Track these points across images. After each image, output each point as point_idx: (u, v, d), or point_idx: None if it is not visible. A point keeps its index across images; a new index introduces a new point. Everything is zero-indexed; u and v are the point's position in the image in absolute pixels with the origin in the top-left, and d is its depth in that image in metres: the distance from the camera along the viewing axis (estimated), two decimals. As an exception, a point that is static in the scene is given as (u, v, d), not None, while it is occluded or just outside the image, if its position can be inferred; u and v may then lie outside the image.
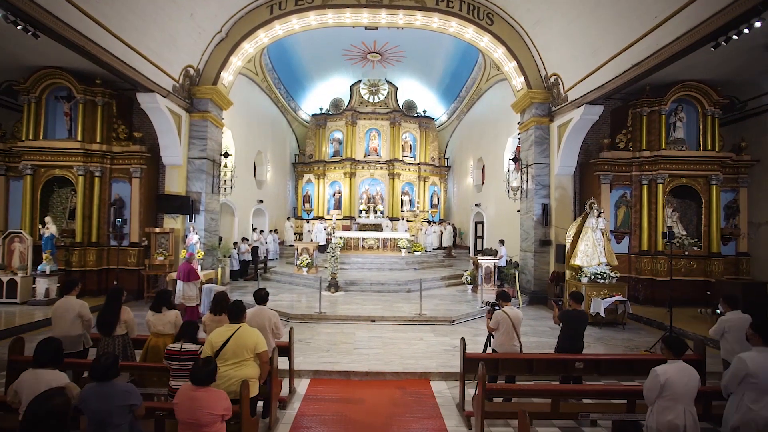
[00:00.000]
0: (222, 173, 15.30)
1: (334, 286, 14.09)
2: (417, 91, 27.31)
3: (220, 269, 13.72)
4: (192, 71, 13.79)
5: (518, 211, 16.13)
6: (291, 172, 27.88)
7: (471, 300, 13.74)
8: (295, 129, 27.97)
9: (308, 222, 25.34)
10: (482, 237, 22.46)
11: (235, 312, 5.00)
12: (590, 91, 12.07)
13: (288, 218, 24.84)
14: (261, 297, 6.23)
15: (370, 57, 23.48)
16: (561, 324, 6.84)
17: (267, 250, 20.42)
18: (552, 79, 14.10)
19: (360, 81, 26.68)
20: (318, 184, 26.64)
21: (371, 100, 27.08)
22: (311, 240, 21.19)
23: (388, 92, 26.93)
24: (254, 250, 18.77)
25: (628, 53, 10.53)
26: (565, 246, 13.24)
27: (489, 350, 6.98)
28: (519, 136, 15.93)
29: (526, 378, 6.90)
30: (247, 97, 19.66)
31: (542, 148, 14.58)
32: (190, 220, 13.96)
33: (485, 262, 14.69)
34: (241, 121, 18.95)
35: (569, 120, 13.35)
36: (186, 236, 13.34)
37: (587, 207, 11.99)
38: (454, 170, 28.28)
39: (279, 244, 22.64)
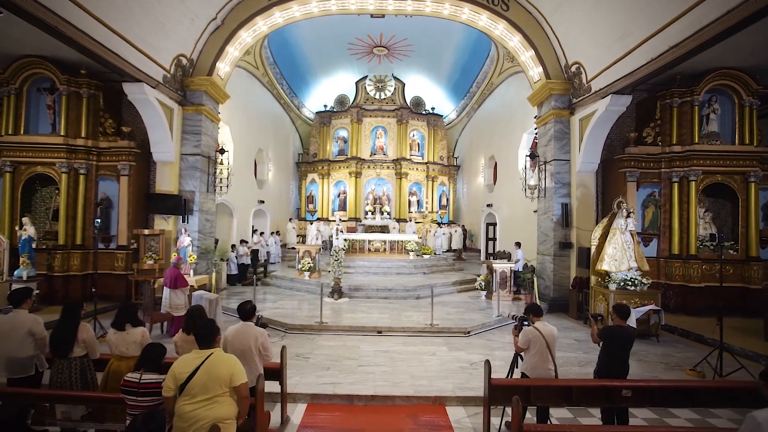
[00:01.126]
0: (218, 171, 14.33)
1: (337, 292, 13.06)
2: (425, 87, 26.25)
3: (214, 274, 12.72)
4: (185, 61, 12.83)
5: (535, 211, 15.05)
6: (294, 171, 26.90)
7: (486, 308, 12.66)
8: (299, 127, 26.99)
9: (312, 224, 24.31)
10: (494, 239, 21.37)
11: (204, 335, 3.97)
12: (618, 80, 11.00)
13: (290, 219, 23.85)
14: (246, 312, 5.19)
15: (377, 51, 22.47)
16: (601, 343, 5.77)
17: (268, 253, 19.44)
18: (573, 69, 13.02)
19: (366, 77, 25.66)
20: (322, 184, 25.66)
21: (377, 96, 26.06)
22: (323, 240, 20.37)
23: (395, 88, 25.89)
24: (254, 253, 17.81)
25: (664, 35, 9.43)
26: (588, 249, 12.16)
27: (516, 373, 5.93)
28: (536, 131, 14.86)
29: (561, 408, 5.84)
30: (247, 91, 18.69)
31: (562, 143, 13.50)
32: (183, 221, 13.00)
33: (500, 266, 13.63)
34: (240, 116, 17.98)
35: (593, 112, 12.28)
36: (177, 239, 12.37)
37: (615, 206, 10.90)
38: (463, 169, 27.19)
39: (281, 246, 21.65)
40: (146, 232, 12.34)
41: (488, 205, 21.36)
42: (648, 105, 13.20)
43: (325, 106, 26.23)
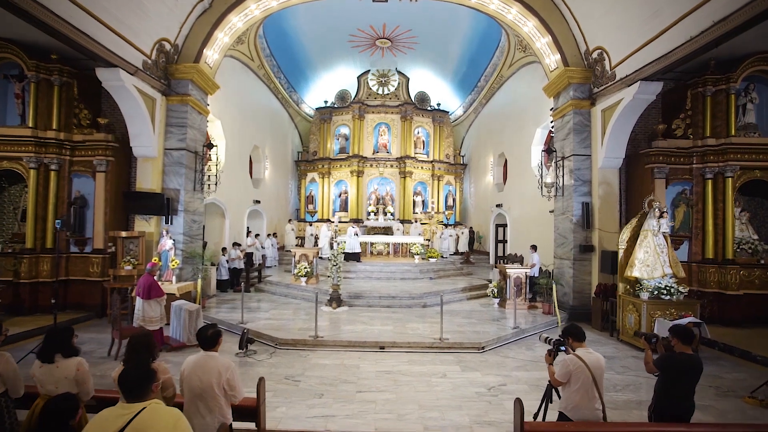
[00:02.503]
0: (207, 168, 13.19)
1: (335, 300, 11.88)
2: (430, 82, 25.05)
3: (200, 281, 11.55)
4: (168, 46, 11.70)
5: (551, 211, 13.88)
6: (293, 170, 25.74)
7: (499, 317, 11.46)
8: (298, 124, 25.82)
9: (311, 225, 23.17)
10: (504, 241, 20.15)
11: (131, 382, 2.80)
12: (648, 64, 9.83)
13: (289, 220, 22.67)
14: (207, 339, 4.01)
15: (379, 43, 21.28)
16: (660, 374, 4.59)
17: (264, 256, 18.30)
18: (595, 55, 11.83)
19: (368, 71, 24.48)
20: (322, 184, 24.49)
21: (380, 92, 24.88)
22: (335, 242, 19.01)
23: (398, 83, 24.69)
24: (248, 257, 16.67)
25: (704, 10, 8.24)
26: (613, 253, 11.03)
27: (544, 408, 4.76)
28: (552, 124, 13.67)
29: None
30: (241, 84, 17.54)
31: (582, 136, 12.31)
32: (167, 222, 11.86)
33: (515, 271, 12.43)
34: (234, 110, 16.83)
35: (617, 102, 11.10)
36: (159, 241, 11.23)
37: (645, 205, 9.72)
38: (470, 168, 25.96)
39: (278, 249, 20.49)
40: (123, 234, 11.18)
41: (498, 206, 20.14)
42: (676, 95, 11.99)
43: (326, 101, 25.07)
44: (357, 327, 10.13)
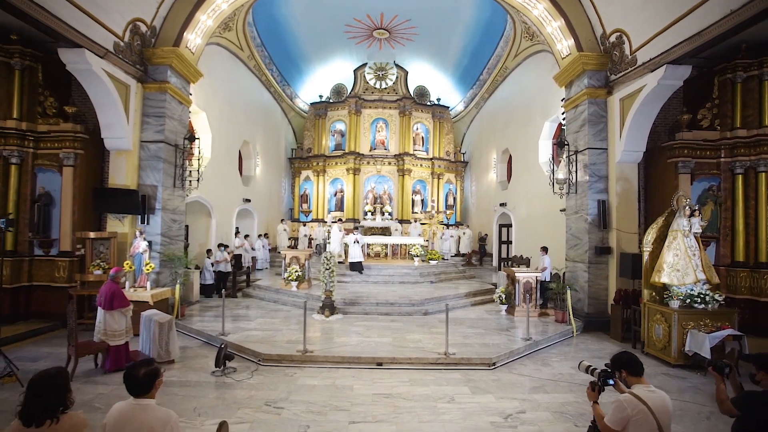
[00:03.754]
0: (189, 163, 12.11)
1: (328, 307, 10.81)
2: (430, 75, 23.97)
3: (178, 287, 10.44)
4: (144, 27, 10.62)
5: (562, 210, 12.88)
6: (287, 168, 24.63)
7: (508, 326, 10.41)
8: (292, 120, 24.71)
9: (305, 225, 22.08)
10: (508, 242, 19.10)
11: None
12: (676, 45, 8.82)
13: (282, 220, 21.53)
14: (138, 383, 2.89)
15: (377, 34, 20.22)
16: (742, 416, 3.56)
17: (254, 258, 17.22)
18: (613, 38, 10.80)
19: (365, 64, 23.41)
20: (317, 182, 23.40)
21: (378, 86, 23.81)
22: (336, 244, 17.30)
23: (397, 77, 23.63)
24: (237, 259, 15.59)
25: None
26: (633, 256, 10.07)
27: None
28: (564, 116, 12.63)
29: None
30: (229, 75, 16.44)
31: (597, 128, 11.28)
32: (143, 222, 10.78)
33: (525, 275, 11.39)
34: (221, 102, 15.72)
35: (639, 89, 10.08)
36: (133, 243, 10.14)
37: (674, 202, 8.69)
38: (471, 166, 24.88)
39: (270, 250, 19.40)
40: (92, 235, 10.08)
41: (501, 204, 19.08)
42: (700, 83, 10.93)
43: (321, 96, 23.96)
44: (351, 339, 9.06)
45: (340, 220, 19.51)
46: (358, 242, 14.93)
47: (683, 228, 8.44)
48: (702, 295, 8.14)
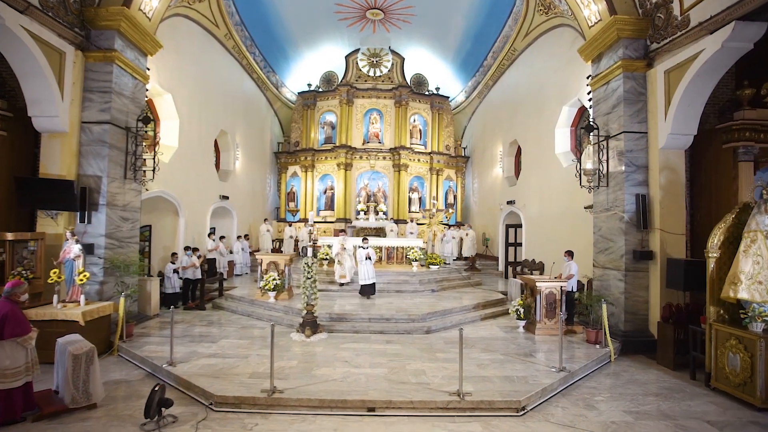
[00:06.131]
0: (146, 151, 10.12)
1: (309, 325, 8.81)
2: (428, 62, 22.00)
3: (122, 300, 8.39)
4: (82, -19, 8.63)
5: (587, 207, 10.98)
6: (272, 163, 22.58)
7: (531, 350, 8.43)
8: (278, 111, 22.65)
9: (290, 225, 20.05)
10: (516, 244, 17.16)
11: None
12: (749, -5, 6.89)
13: (265, 220, 19.46)
14: None
15: (370, 15, 18.27)
16: None
17: (230, 262, 15.21)
18: (655, -2, 8.90)
19: (357, 50, 21.43)
20: (305, 179, 21.41)
21: (372, 73, 21.83)
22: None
23: (392, 64, 21.67)
24: (210, 264, 13.62)
25: None
26: (688, 263, 8.13)
27: None
28: (590, 95, 10.72)
29: None
30: (202, 53, 14.38)
31: (635, 108, 9.36)
32: (83, 220, 8.77)
33: (547, 285, 9.44)
34: (192, 84, 13.67)
35: (692, 57, 8.15)
36: (63, 247, 8.12)
37: (755, 195, 6.77)
38: (473, 161, 22.89)
39: (251, 253, 17.37)
40: (10, 236, 8.03)
41: (509, 202, 17.13)
42: (755, 52, 9.01)
43: (309, 85, 21.95)
44: (336, 370, 7.07)
45: (343, 231, 17.44)
46: (370, 258, 11.86)
47: (766, 228, 6.53)
48: (795, 316, 6.23)
